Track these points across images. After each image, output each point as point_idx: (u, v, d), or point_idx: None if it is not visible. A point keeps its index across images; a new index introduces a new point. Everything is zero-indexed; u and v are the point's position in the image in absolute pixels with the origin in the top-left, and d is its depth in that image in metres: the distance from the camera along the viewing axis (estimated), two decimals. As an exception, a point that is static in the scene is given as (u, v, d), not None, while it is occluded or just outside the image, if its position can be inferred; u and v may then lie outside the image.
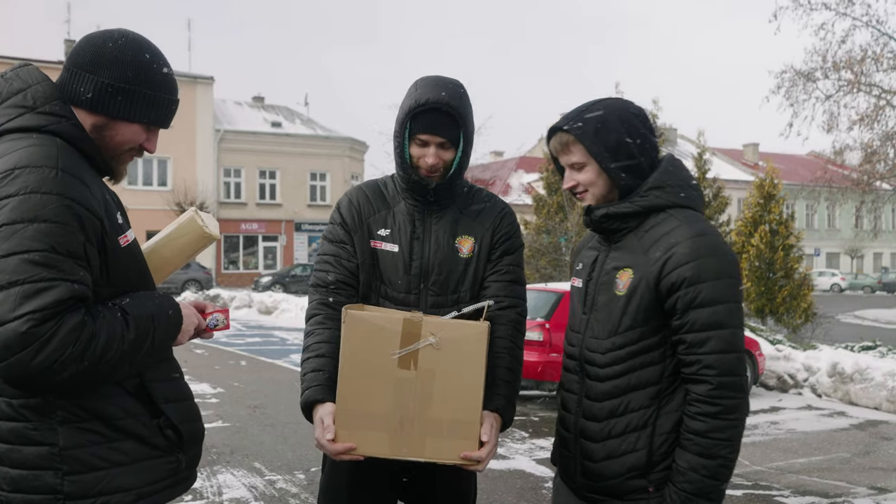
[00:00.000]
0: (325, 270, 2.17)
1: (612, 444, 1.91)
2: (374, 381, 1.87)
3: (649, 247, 1.89)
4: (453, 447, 1.89)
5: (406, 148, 2.13)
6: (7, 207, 1.44)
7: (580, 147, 1.94)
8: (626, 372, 1.90)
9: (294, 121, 43.16)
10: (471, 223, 2.22)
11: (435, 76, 2.18)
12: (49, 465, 1.53)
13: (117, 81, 1.64)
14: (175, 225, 1.97)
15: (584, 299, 2.04)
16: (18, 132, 1.57)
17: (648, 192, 1.93)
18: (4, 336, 1.38)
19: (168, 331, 1.64)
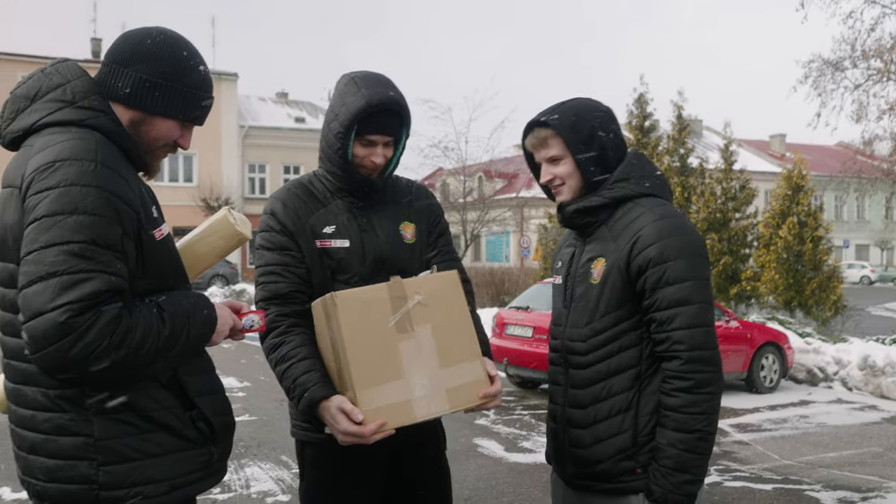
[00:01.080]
0: (275, 282, 2.10)
1: (599, 429, 1.97)
2: (381, 354, 1.89)
3: (618, 234, 1.98)
4: (470, 390, 1.95)
5: (349, 148, 2.11)
6: (48, 199, 1.46)
7: (558, 140, 2.02)
8: (606, 357, 1.96)
9: (317, 116, 43.30)
10: (407, 210, 2.27)
11: (371, 73, 2.17)
12: (84, 455, 1.54)
13: (154, 77, 1.66)
14: (208, 223, 2.00)
15: (563, 294, 2.11)
16: (58, 126, 1.59)
17: (615, 184, 2.01)
18: (43, 326, 1.39)
19: (202, 330, 1.64)
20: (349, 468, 2.09)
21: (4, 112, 1.68)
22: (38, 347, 1.41)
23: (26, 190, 1.51)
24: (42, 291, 1.41)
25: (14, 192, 1.56)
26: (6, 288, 1.60)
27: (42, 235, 1.44)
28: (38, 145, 1.56)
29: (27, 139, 1.62)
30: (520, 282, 19.04)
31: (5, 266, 1.60)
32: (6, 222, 1.58)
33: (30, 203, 1.49)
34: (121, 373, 1.49)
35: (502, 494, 5.22)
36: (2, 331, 1.66)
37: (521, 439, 6.93)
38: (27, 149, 1.59)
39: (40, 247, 1.44)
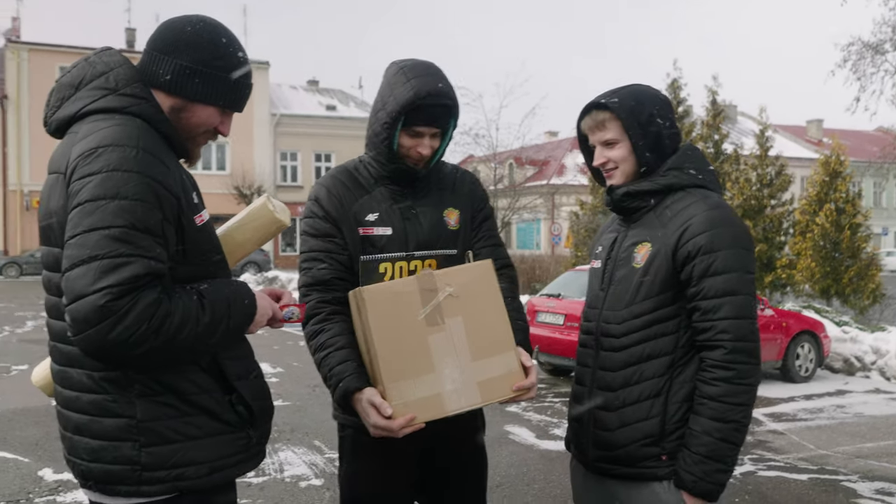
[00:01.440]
0: (318, 268, 2.11)
1: (627, 413, 1.97)
2: (411, 348, 1.88)
3: (667, 221, 1.98)
4: (503, 383, 1.93)
5: (396, 138, 2.10)
6: (91, 184, 1.49)
7: (616, 123, 2.02)
8: (642, 341, 1.96)
9: (348, 104, 43.43)
10: (451, 196, 2.25)
11: (420, 62, 2.14)
12: (127, 436, 1.58)
13: (195, 64, 1.69)
14: (247, 210, 2.02)
15: (601, 277, 2.11)
16: (101, 113, 1.62)
17: (668, 172, 2.02)
18: (84, 309, 1.42)
19: (242, 318, 1.66)
20: (387, 454, 2.09)
21: (50, 100, 1.71)
22: (79, 329, 1.44)
23: (70, 175, 1.54)
24: (83, 275, 1.43)
25: (59, 177, 1.59)
26: (51, 272, 1.64)
27: (84, 220, 1.47)
28: (83, 132, 1.59)
29: (72, 126, 1.65)
30: (551, 269, 18.97)
31: (51, 250, 1.63)
32: (52, 208, 1.61)
33: (73, 188, 1.51)
34: (160, 357, 1.51)
35: (533, 481, 5.22)
36: (48, 314, 1.70)
37: (553, 427, 6.93)
38: (72, 136, 1.62)
39: (82, 231, 1.46)
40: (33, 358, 10.15)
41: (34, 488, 4.88)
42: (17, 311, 16.61)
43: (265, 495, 4.82)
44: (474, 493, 2.31)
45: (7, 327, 13.75)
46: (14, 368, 9.44)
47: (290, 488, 5.00)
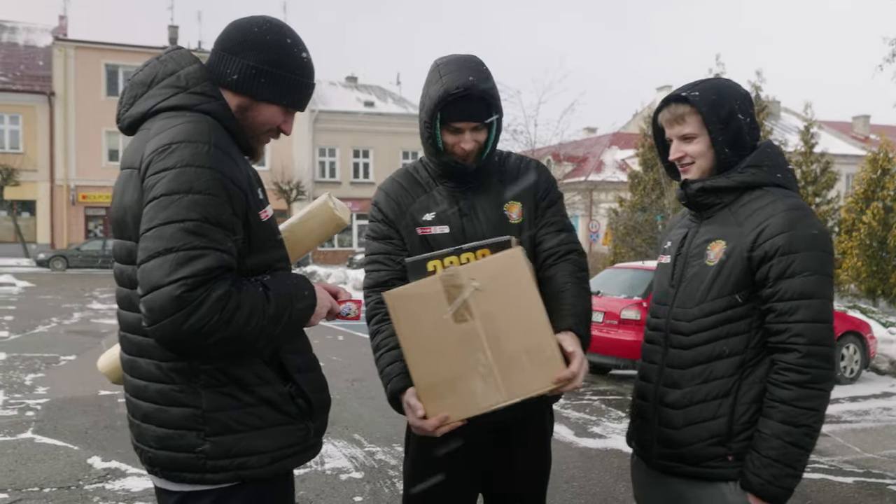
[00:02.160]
0: (377, 270, 2.16)
1: (693, 411, 1.95)
2: (439, 347, 1.86)
3: (743, 220, 1.94)
4: (541, 374, 1.84)
5: (438, 136, 2.10)
6: (165, 179, 1.53)
7: (696, 118, 1.99)
8: (712, 340, 1.93)
9: (386, 100, 43.61)
10: (513, 188, 2.22)
11: (456, 57, 2.13)
12: (193, 425, 1.62)
13: (261, 64, 1.73)
14: (308, 208, 2.06)
15: (671, 273, 2.08)
16: (173, 110, 1.67)
17: (746, 169, 1.98)
18: (160, 299, 1.46)
19: (303, 310, 1.69)
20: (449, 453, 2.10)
21: (123, 98, 1.77)
22: (154, 319, 1.48)
23: (145, 170, 1.58)
24: (159, 266, 1.48)
25: (133, 172, 1.64)
26: (124, 264, 1.69)
27: (160, 213, 1.51)
28: (156, 128, 1.64)
29: (144, 123, 1.71)
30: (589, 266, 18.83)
31: (123, 243, 1.68)
32: (125, 202, 1.66)
33: (148, 183, 1.56)
34: (229, 347, 1.55)
35: (573, 479, 5.21)
36: (119, 305, 1.75)
37: (591, 424, 6.90)
38: (145, 132, 1.67)
39: (158, 224, 1.51)
40: (81, 349, 10.42)
41: (84, 475, 5.01)
42: (63, 303, 17.03)
43: (306, 487, 4.88)
44: (535, 494, 2.31)
45: (55, 319, 14.10)
46: (63, 359, 9.67)
47: (330, 480, 5.06)
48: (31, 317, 14.25)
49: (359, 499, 4.74)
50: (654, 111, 2.10)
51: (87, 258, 30.78)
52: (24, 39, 39.05)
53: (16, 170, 32.80)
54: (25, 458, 5.34)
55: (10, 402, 7.13)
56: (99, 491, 4.71)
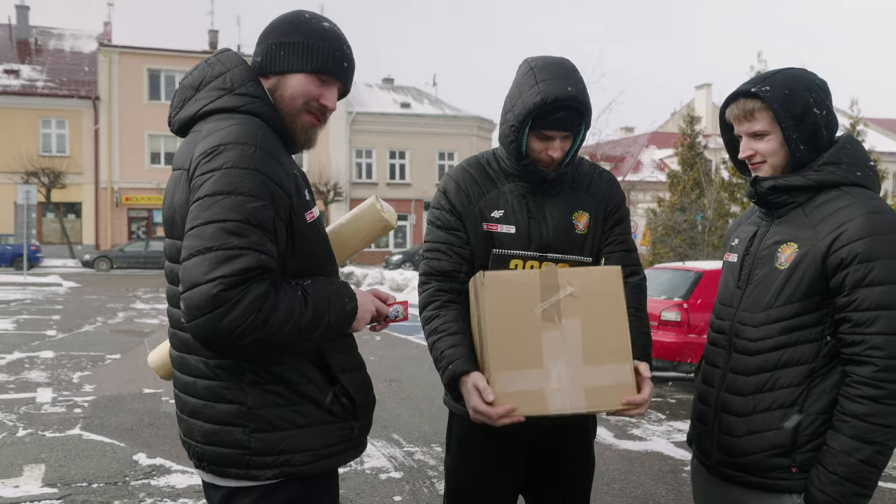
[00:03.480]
0: (439, 259, 2.13)
1: (756, 420, 1.87)
2: (522, 340, 1.86)
3: (818, 222, 1.83)
4: (612, 394, 1.86)
5: (524, 141, 2.07)
6: (211, 180, 1.56)
7: (767, 114, 1.87)
8: (779, 347, 1.85)
9: (422, 101, 43.73)
10: (584, 197, 2.20)
11: (551, 61, 2.08)
12: (238, 422, 1.64)
13: (279, 38, 1.77)
14: (356, 210, 2.07)
15: (738, 274, 1.99)
16: (221, 112, 1.71)
17: (823, 167, 1.86)
18: (198, 297, 1.49)
19: (342, 316, 1.70)
20: (493, 444, 2.10)
21: (174, 101, 1.81)
22: (192, 316, 1.50)
23: (193, 172, 1.62)
24: (199, 264, 1.50)
25: (183, 174, 1.67)
26: (173, 263, 1.72)
27: (203, 213, 1.54)
28: (205, 131, 1.67)
29: (194, 125, 1.74)
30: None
31: (173, 242, 1.72)
32: (175, 202, 1.70)
33: (195, 184, 1.60)
34: (264, 348, 1.57)
35: (613, 482, 5.17)
36: (168, 302, 1.78)
37: (631, 426, 6.83)
38: (195, 134, 1.71)
39: (200, 223, 1.54)
40: (125, 348, 10.64)
41: (130, 472, 5.11)
42: (108, 303, 17.40)
43: (346, 486, 4.92)
44: (580, 496, 2.29)
45: (100, 318, 14.42)
46: (108, 357, 9.88)
47: (370, 480, 5.09)
48: (78, 316, 14.59)
49: (398, 498, 4.76)
50: (722, 106, 2.00)
51: (131, 259, 31.41)
52: (70, 46, 40.02)
53: (62, 173, 33.61)
54: (74, 454, 5.47)
55: (59, 399, 7.30)
56: (144, 487, 4.81)
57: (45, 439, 5.84)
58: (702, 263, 9.95)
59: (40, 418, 6.50)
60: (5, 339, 11.21)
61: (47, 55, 38.68)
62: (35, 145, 34.74)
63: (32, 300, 17.79)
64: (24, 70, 36.95)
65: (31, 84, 35.96)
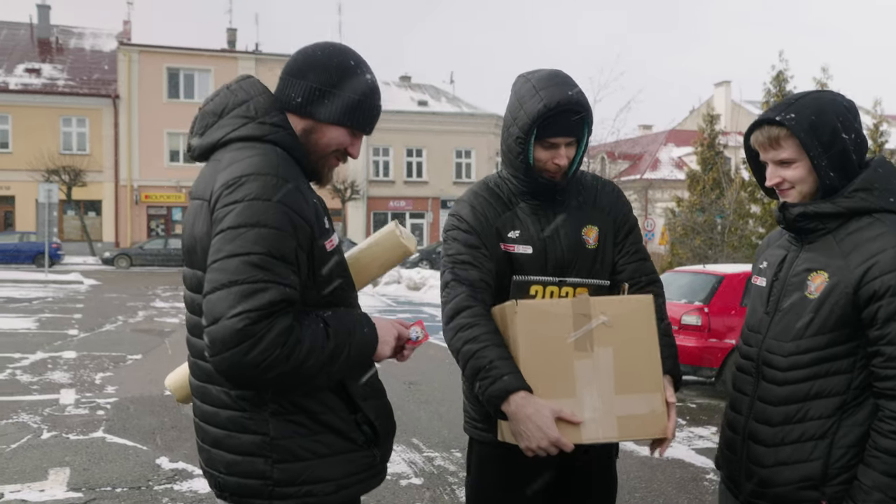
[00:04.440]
0: (467, 269, 2.09)
1: (785, 451, 1.85)
2: (555, 369, 1.86)
3: (850, 251, 1.80)
4: (643, 422, 1.88)
5: (531, 152, 2.07)
6: (233, 212, 1.56)
7: (793, 142, 1.84)
8: (809, 378, 1.82)
9: (440, 99, 43.72)
10: (591, 211, 2.20)
11: (547, 72, 2.10)
12: (261, 452, 1.64)
13: (323, 85, 1.74)
14: (375, 236, 2.07)
15: (766, 299, 1.96)
16: (242, 141, 1.70)
17: (854, 193, 1.83)
18: (223, 331, 1.48)
19: (362, 348, 1.68)
20: (515, 471, 2.10)
21: (194, 127, 1.80)
22: (216, 351, 1.50)
23: (215, 203, 1.61)
24: (224, 298, 1.50)
25: (203, 204, 1.67)
26: (194, 293, 1.71)
27: (226, 246, 1.53)
28: (226, 160, 1.66)
29: (215, 153, 1.74)
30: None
31: (194, 273, 1.71)
32: (196, 232, 1.69)
33: (217, 215, 1.59)
34: (287, 381, 1.56)
35: (634, 490, 5.15)
36: (189, 331, 1.78)
37: (652, 432, 6.80)
38: (215, 163, 1.70)
39: (224, 256, 1.53)
40: (146, 348, 10.72)
41: (153, 476, 5.15)
42: (128, 302, 17.55)
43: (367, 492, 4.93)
44: None
45: (120, 317, 14.54)
46: (130, 358, 9.97)
47: (390, 486, 5.09)
48: (99, 315, 14.73)
49: (419, 505, 4.77)
50: (746, 132, 1.97)
51: (150, 256, 31.67)
52: (90, 45, 40.38)
53: (83, 171, 33.93)
54: (98, 458, 5.52)
55: (82, 401, 7.38)
56: (168, 492, 4.84)
57: (69, 442, 5.91)
58: (723, 267, 9.88)
59: (64, 420, 6.57)
60: (28, 338, 11.35)
61: (68, 54, 39.04)
62: (56, 143, 35.10)
63: (54, 298, 17.99)
64: (45, 69, 37.32)
65: (51, 83, 36.33)
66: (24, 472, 5.14)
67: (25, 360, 9.44)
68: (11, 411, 6.80)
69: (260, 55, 38.60)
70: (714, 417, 7.42)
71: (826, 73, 15.79)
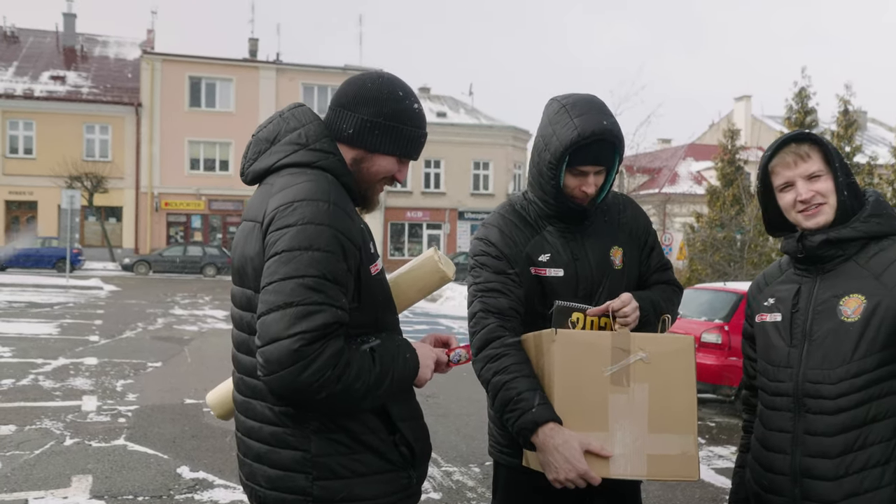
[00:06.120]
0: (496, 297, 2.10)
1: (852, 482, 1.82)
2: (589, 401, 1.86)
3: (881, 272, 1.85)
4: (673, 463, 1.87)
5: (562, 177, 2.09)
6: (287, 235, 1.60)
7: (819, 155, 1.94)
8: (864, 402, 1.82)
9: (458, 110, 43.85)
10: (616, 233, 2.24)
11: (582, 98, 2.12)
12: (302, 468, 1.68)
13: (375, 117, 1.80)
14: (415, 261, 2.11)
15: (790, 332, 1.95)
16: (295, 167, 1.75)
17: (868, 218, 1.92)
18: (278, 351, 1.53)
19: (404, 373, 1.73)
20: (541, 496, 2.10)
21: (248, 153, 1.86)
22: (271, 370, 1.54)
23: (268, 226, 1.66)
24: (279, 319, 1.54)
25: (256, 226, 1.71)
26: (243, 311, 1.76)
27: (281, 268, 1.58)
28: (279, 185, 1.71)
29: (267, 178, 1.79)
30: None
31: (243, 291, 1.76)
32: (247, 253, 1.73)
33: (271, 238, 1.63)
34: (336, 402, 1.60)
35: (654, 509, 5.13)
36: (236, 348, 1.82)
37: (671, 451, 6.77)
38: (268, 187, 1.75)
39: (279, 279, 1.58)
40: (166, 355, 10.81)
41: (174, 485, 5.19)
42: (148, 309, 17.69)
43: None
44: None
45: (140, 324, 14.66)
46: (150, 365, 10.05)
47: (409, 500, 5.10)
48: (119, 321, 14.87)
49: (438, 521, 4.77)
50: (765, 158, 2.00)
51: (168, 263, 31.92)
52: (114, 53, 40.91)
53: (105, 178, 34.33)
54: (119, 466, 5.57)
55: (104, 408, 7.45)
56: (189, 501, 4.88)
57: (91, 449, 5.97)
58: (742, 284, 9.82)
59: (86, 427, 6.64)
60: (50, 344, 11.47)
61: (92, 62, 39.57)
62: (79, 150, 35.54)
63: (75, 303, 18.18)
64: (69, 76, 37.84)
65: (76, 90, 36.82)
66: (47, 478, 5.21)
67: (48, 366, 9.55)
68: (35, 417, 6.89)
69: (281, 65, 38.92)
70: (733, 437, 7.36)
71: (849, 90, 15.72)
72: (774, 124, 36.16)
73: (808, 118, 16.13)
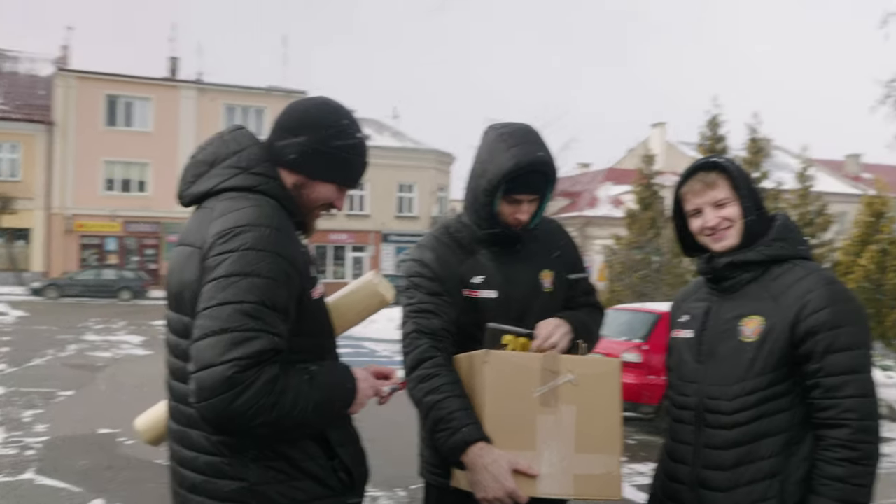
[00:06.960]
0: (429, 319, 2.12)
1: (741, 494, 1.91)
2: (518, 421, 1.90)
3: (779, 294, 1.94)
4: (598, 483, 1.92)
5: (496, 205, 2.14)
6: (228, 261, 1.58)
7: (726, 183, 2.02)
8: (756, 418, 1.91)
9: (383, 133, 43.86)
10: (545, 257, 2.28)
11: (518, 128, 2.17)
12: (240, 498, 1.64)
13: (318, 144, 1.79)
14: (353, 284, 2.10)
15: (697, 349, 2.05)
16: (234, 191, 1.73)
17: (773, 242, 2.00)
18: (211, 378, 1.50)
19: (344, 399, 1.72)
20: None
21: (186, 175, 1.82)
22: (203, 397, 1.51)
23: (208, 251, 1.63)
24: (214, 345, 1.51)
25: (194, 251, 1.68)
26: (179, 337, 1.72)
27: (219, 293, 1.56)
28: (219, 209, 1.69)
29: (206, 201, 1.76)
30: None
31: (180, 318, 1.72)
32: (185, 279, 1.69)
33: (210, 263, 1.61)
34: (270, 430, 1.58)
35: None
36: (172, 375, 1.77)
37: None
38: (207, 211, 1.72)
39: (216, 304, 1.55)
40: (78, 384, 10.35)
41: (86, 519, 4.97)
42: (58, 334, 16.93)
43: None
44: None
45: (50, 351, 14.02)
46: (60, 394, 9.61)
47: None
48: (27, 348, 14.16)
49: (364, 546, 4.71)
50: (677, 184, 2.11)
51: (81, 286, 30.64)
52: (26, 69, 39.23)
53: (13, 198, 32.79)
54: (26, 502, 5.30)
55: (10, 440, 7.08)
56: (102, 536, 4.68)
57: (-5, 484, 5.66)
58: (660, 305, 10.12)
59: (-10, 461, 6.30)
60: (-49, 373, 10.84)
61: (2, 78, 37.87)
62: (-15, 169, 33.89)
63: (-22, 330, 17.24)
64: (-24, 92, 36.13)
65: (-17, 107, 35.17)
66: (-54, 516, 4.92)
67: (-52, 397, 9.02)
68: (-67, 452, 6.49)
69: (202, 85, 38.18)
70: (653, 454, 7.54)
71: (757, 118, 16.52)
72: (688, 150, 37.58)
73: (719, 145, 16.85)
